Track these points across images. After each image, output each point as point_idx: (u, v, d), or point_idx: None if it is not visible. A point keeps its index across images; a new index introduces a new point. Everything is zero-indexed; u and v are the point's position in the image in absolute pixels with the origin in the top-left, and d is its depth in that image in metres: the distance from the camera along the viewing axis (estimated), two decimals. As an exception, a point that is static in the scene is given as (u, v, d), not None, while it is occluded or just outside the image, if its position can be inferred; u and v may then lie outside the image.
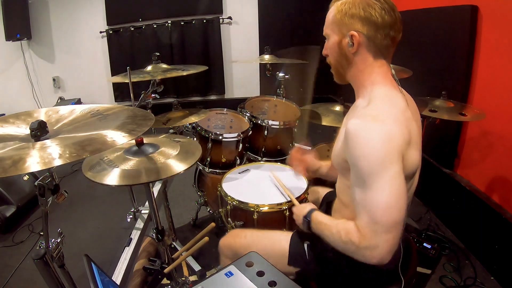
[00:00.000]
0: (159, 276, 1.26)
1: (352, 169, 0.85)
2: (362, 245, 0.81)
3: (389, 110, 0.84)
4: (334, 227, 0.92)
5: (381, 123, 0.80)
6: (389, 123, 0.81)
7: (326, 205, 1.24)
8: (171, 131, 1.91)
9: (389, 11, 0.84)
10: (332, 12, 0.92)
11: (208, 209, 2.21)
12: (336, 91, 3.75)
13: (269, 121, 1.98)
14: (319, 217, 1.02)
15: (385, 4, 0.85)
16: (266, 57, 2.28)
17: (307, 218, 1.05)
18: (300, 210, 1.11)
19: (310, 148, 1.52)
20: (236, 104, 2.20)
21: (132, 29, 4.16)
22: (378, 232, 0.79)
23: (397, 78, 0.95)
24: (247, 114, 2.08)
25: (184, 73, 1.82)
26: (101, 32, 4.20)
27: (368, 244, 0.80)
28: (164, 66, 1.91)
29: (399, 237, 0.81)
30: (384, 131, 0.79)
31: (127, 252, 1.95)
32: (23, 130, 0.87)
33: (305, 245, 1.11)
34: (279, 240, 1.16)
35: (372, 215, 0.79)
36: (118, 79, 1.85)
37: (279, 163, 1.81)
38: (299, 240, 1.14)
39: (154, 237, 1.29)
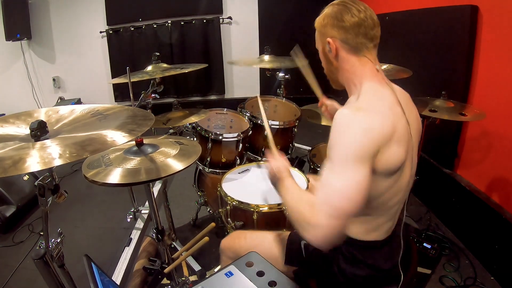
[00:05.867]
0: (159, 276, 1.26)
1: (327, 152, 0.87)
2: (310, 220, 0.82)
3: (374, 103, 0.88)
4: (303, 197, 0.92)
5: (363, 114, 0.84)
6: (371, 115, 0.84)
7: None
8: (171, 131, 1.91)
9: (354, 13, 0.91)
10: (316, 28, 1.02)
11: (208, 209, 2.21)
12: (336, 91, 3.74)
13: (269, 121, 1.98)
14: (288, 183, 1.00)
15: (352, 9, 0.91)
16: (266, 57, 2.27)
17: (276, 177, 1.04)
18: (276, 164, 1.07)
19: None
20: (236, 104, 2.20)
21: (132, 29, 4.17)
22: (326, 214, 0.80)
23: (384, 73, 0.98)
24: (247, 114, 2.08)
25: (185, 71, 1.81)
26: (101, 32, 4.20)
27: (314, 222, 0.81)
28: (164, 65, 1.91)
29: (342, 228, 0.82)
30: (364, 122, 0.83)
31: (127, 252, 1.95)
32: (23, 130, 0.87)
33: (302, 244, 1.12)
34: (277, 241, 1.16)
35: (327, 196, 0.82)
36: (119, 80, 1.85)
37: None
38: (296, 239, 1.14)
39: (154, 237, 1.28)
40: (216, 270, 1.34)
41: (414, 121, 0.99)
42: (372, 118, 0.83)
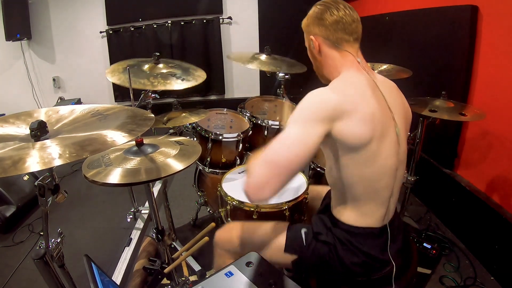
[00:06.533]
0: (159, 276, 1.26)
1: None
2: (249, 167, 0.90)
3: (341, 85, 0.98)
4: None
5: (326, 91, 0.95)
6: (333, 91, 0.95)
7: (326, 204, 1.25)
8: (171, 131, 1.91)
9: (333, 12, 1.00)
10: (302, 28, 1.12)
11: (208, 209, 2.21)
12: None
13: (269, 121, 1.98)
14: None
15: (331, 8, 1.00)
16: (263, 57, 2.24)
17: None
18: None
19: None
20: (236, 104, 2.20)
21: (132, 29, 4.16)
22: (261, 163, 0.88)
23: (365, 64, 1.05)
24: (247, 114, 2.08)
25: (187, 85, 1.76)
26: (101, 32, 4.20)
27: (251, 169, 0.89)
28: (164, 71, 1.85)
29: (275, 183, 0.86)
30: (324, 95, 0.94)
31: (127, 252, 1.95)
32: (23, 130, 0.87)
33: (302, 232, 1.13)
34: (276, 229, 1.17)
35: (270, 145, 0.91)
36: (116, 78, 1.79)
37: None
38: (297, 227, 1.16)
39: (154, 237, 1.29)
40: (213, 265, 1.34)
41: (399, 108, 1.06)
42: (333, 94, 0.94)
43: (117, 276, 1.78)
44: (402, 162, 1.06)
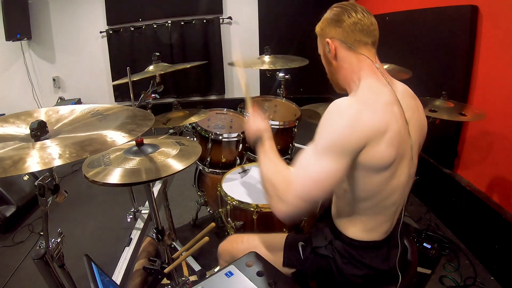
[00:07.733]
0: (159, 276, 1.26)
1: (316, 133, 0.91)
2: (282, 196, 0.89)
3: (370, 97, 0.90)
4: (280, 169, 0.96)
5: (357, 106, 0.87)
6: (364, 108, 0.86)
7: (325, 209, 1.24)
8: (171, 131, 1.91)
9: (351, 14, 0.96)
10: (316, 33, 1.07)
11: (208, 209, 2.21)
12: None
13: (269, 121, 1.97)
14: (267, 147, 1.04)
15: (349, 10, 0.97)
16: (266, 58, 2.25)
17: (257, 139, 1.08)
18: (254, 124, 1.13)
19: None
20: (236, 104, 2.20)
21: (132, 29, 4.17)
22: (297, 195, 0.87)
23: (383, 70, 0.98)
24: (247, 114, 2.08)
25: (186, 66, 1.80)
26: (101, 32, 4.20)
27: (285, 198, 0.88)
28: (165, 64, 1.91)
29: (306, 209, 0.89)
30: (355, 115, 0.85)
31: (127, 252, 1.95)
32: (23, 130, 0.87)
33: (299, 245, 1.12)
34: (275, 243, 1.16)
35: (302, 179, 0.88)
36: (121, 81, 1.84)
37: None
38: (293, 241, 1.14)
39: (154, 237, 1.28)
40: (216, 270, 1.34)
41: (415, 120, 0.99)
42: (364, 111, 0.85)
43: (117, 276, 1.78)
44: (412, 176, 1.02)
